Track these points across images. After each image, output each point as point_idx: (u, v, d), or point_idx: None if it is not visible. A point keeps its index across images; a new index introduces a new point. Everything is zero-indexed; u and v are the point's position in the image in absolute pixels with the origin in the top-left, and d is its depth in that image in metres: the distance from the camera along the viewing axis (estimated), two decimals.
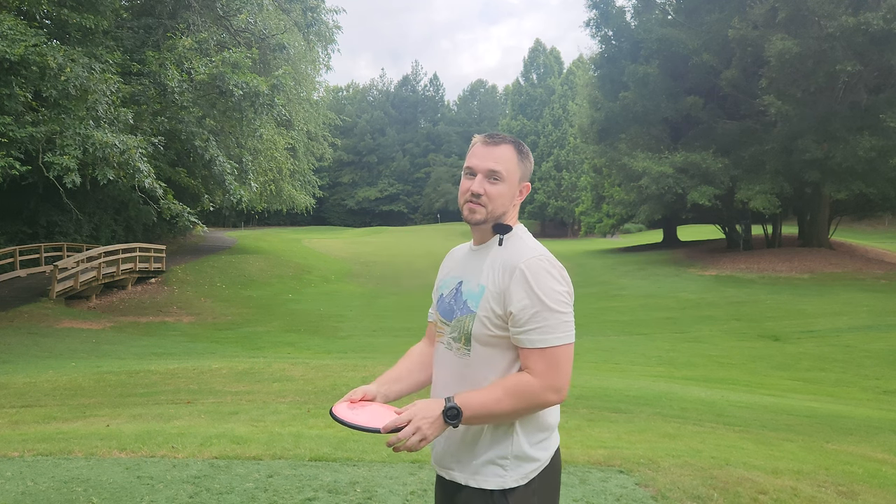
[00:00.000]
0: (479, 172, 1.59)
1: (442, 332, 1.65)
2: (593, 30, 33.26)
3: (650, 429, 5.77)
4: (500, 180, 1.58)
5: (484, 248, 1.65)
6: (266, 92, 17.65)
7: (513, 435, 1.54)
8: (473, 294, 1.58)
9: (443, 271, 1.79)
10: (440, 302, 1.69)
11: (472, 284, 1.60)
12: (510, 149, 1.60)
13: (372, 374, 8.67)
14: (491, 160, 1.58)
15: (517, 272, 1.51)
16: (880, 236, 40.42)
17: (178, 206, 16.00)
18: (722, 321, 17.87)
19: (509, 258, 1.55)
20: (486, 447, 1.54)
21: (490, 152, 1.59)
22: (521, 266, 1.51)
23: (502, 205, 1.60)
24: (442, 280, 1.76)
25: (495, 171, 1.58)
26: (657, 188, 27.80)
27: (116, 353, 13.59)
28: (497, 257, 1.59)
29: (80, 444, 4.54)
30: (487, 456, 1.54)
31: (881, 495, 3.88)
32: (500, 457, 1.53)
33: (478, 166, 1.59)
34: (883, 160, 23.74)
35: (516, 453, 1.54)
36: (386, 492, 3.59)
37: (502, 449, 1.54)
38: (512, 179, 1.60)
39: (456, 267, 1.73)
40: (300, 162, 36.31)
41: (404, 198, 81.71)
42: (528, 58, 67.39)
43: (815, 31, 23.73)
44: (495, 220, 1.61)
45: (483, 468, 1.54)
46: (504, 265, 1.55)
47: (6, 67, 12.95)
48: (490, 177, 1.58)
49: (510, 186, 1.60)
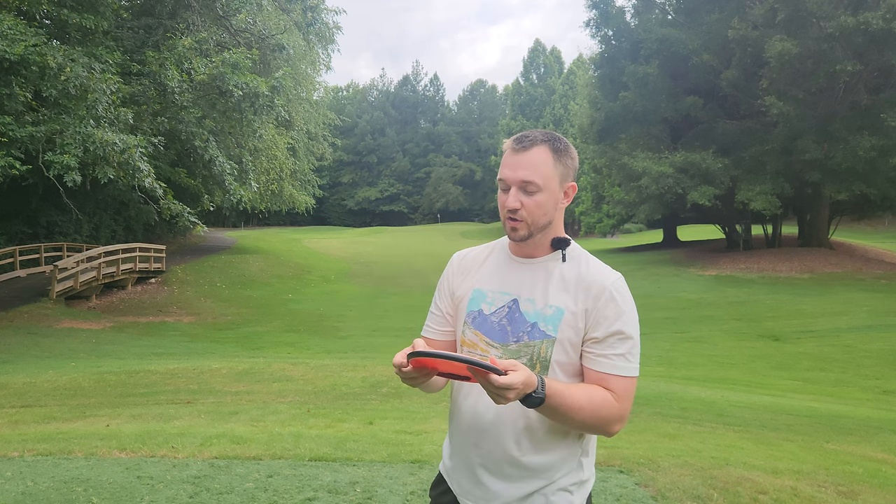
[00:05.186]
0: (513, 185, 1.41)
1: (486, 356, 1.43)
2: (593, 30, 33.29)
3: (650, 429, 5.77)
4: (537, 190, 1.40)
5: (538, 263, 1.48)
6: (266, 93, 17.66)
7: (583, 462, 1.49)
8: (546, 316, 1.41)
9: (458, 280, 1.57)
10: (479, 319, 1.48)
11: (539, 304, 1.43)
12: (543, 150, 1.40)
13: (372, 374, 8.67)
14: (522, 169, 1.40)
15: (607, 294, 1.40)
16: (880, 236, 40.42)
17: (178, 206, 16.01)
18: (722, 321, 17.87)
19: (590, 278, 1.43)
20: (562, 477, 1.45)
21: (521, 160, 1.40)
22: (609, 289, 1.41)
23: (545, 215, 1.43)
24: (463, 291, 1.54)
25: (529, 182, 1.39)
26: (657, 188, 27.81)
27: (116, 353, 13.59)
28: (567, 275, 1.44)
29: (80, 444, 4.54)
30: (561, 484, 1.45)
31: (881, 495, 3.88)
32: (571, 484, 1.46)
33: (510, 178, 1.41)
34: (883, 160, 23.75)
35: (584, 478, 1.49)
36: (386, 492, 3.59)
37: (575, 476, 1.47)
38: (551, 185, 1.41)
39: (491, 278, 1.52)
40: (300, 162, 36.35)
41: (404, 198, 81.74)
42: (528, 58, 67.43)
43: (815, 31, 23.73)
44: (540, 232, 1.44)
45: (553, 496, 1.44)
46: (585, 285, 1.42)
47: (6, 67, 12.95)
48: (524, 188, 1.40)
49: (550, 193, 1.42)
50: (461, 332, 1.51)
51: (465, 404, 1.50)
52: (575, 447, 1.46)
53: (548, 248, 1.48)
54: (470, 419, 1.48)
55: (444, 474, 1.58)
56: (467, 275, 1.56)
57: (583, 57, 52.50)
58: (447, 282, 1.59)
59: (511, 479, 1.44)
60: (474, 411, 1.47)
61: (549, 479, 1.44)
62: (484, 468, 1.46)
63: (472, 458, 1.48)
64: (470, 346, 1.48)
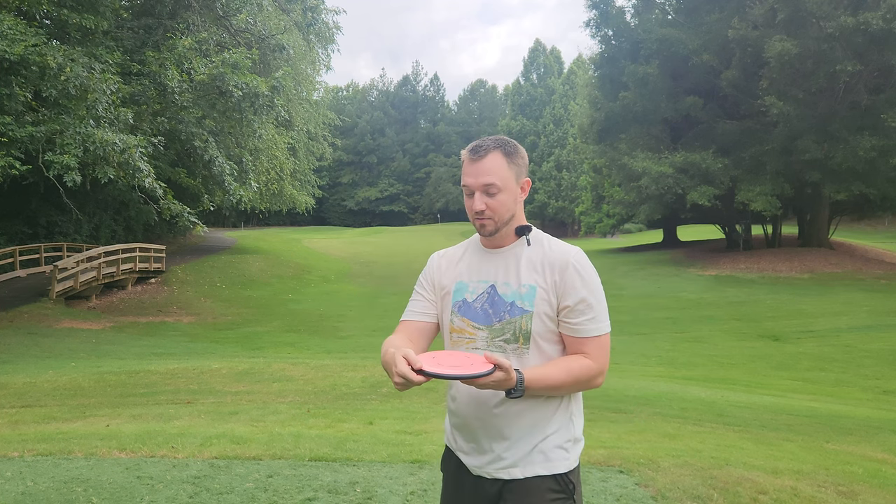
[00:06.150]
0: (476, 189, 1.61)
1: (474, 338, 1.63)
2: (593, 30, 33.27)
3: (650, 429, 5.77)
4: (498, 191, 1.60)
5: (507, 251, 1.67)
6: (266, 93, 17.66)
7: (572, 419, 1.65)
8: (521, 295, 1.60)
9: (440, 275, 1.75)
10: (464, 307, 1.66)
11: (513, 286, 1.62)
12: (496, 156, 1.61)
13: (372, 374, 8.67)
14: (482, 175, 1.60)
15: (570, 268, 1.59)
16: (880, 236, 40.42)
17: (178, 206, 16.00)
18: (722, 321, 17.87)
19: (553, 256, 1.62)
20: (553, 434, 1.61)
21: (479, 167, 1.60)
22: (572, 262, 1.60)
23: (508, 210, 1.63)
24: (447, 284, 1.72)
25: (489, 185, 1.59)
26: (657, 188, 27.80)
27: (116, 353, 13.59)
28: (533, 256, 1.64)
29: (80, 444, 4.54)
30: (555, 441, 1.61)
31: (881, 495, 3.88)
32: (566, 440, 1.62)
33: (472, 184, 1.61)
34: (883, 160, 23.75)
35: (576, 436, 1.66)
36: (386, 492, 3.59)
37: (567, 433, 1.63)
38: (508, 185, 1.62)
39: (469, 270, 1.70)
40: (300, 162, 36.34)
41: (404, 198, 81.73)
42: (529, 57, 67.34)
43: (815, 31, 23.73)
44: (506, 225, 1.64)
45: (552, 453, 1.60)
46: (550, 263, 1.61)
47: (6, 67, 12.95)
48: (486, 191, 1.60)
49: (509, 192, 1.62)
50: (449, 320, 1.69)
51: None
52: (565, 404, 1.64)
53: (513, 237, 1.67)
54: (461, 392, 1.64)
55: (451, 448, 1.74)
56: (449, 270, 1.75)
57: (583, 57, 52.59)
58: (429, 277, 1.78)
59: (507, 440, 1.59)
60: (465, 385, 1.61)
61: (543, 436, 1.60)
62: (483, 435, 1.62)
63: (471, 427, 1.64)
64: (458, 332, 1.66)
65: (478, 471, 1.64)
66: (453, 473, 1.72)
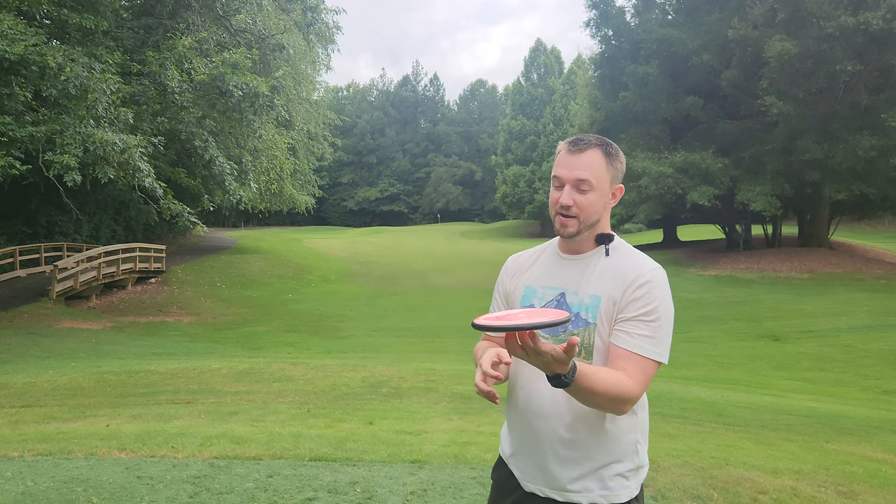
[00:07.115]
0: (567, 183, 1.51)
1: None
2: (593, 30, 33.25)
3: (650, 429, 5.74)
4: (590, 189, 1.51)
5: (584, 258, 1.58)
6: (266, 93, 17.66)
7: (637, 447, 1.56)
8: (586, 305, 1.51)
9: (512, 280, 1.68)
10: None
11: (583, 295, 1.52)
12: (597, 153, 1.52)
13: (372, 374, 8.67)
14: (578, 169, 1.50)
15: (641, 280, 1.47)
16: (880, 236, 40.39)
17: (178, 206, 16.00)
18: (722, 321, 17.87)
19: (629, 267, 1.51)
20: (616, 462, 1.52)
21: (576, 160, 1.51)
22: (646, 275, 1.48)
23: (595, 213, 1.53)
24: (515, 289, 1.65)
25: (583, 181, 1.50)
26: (657, 188, 27.79)
27: (116, 353, 13.58)
28: (608, 267, 1.53)
29: (80, 444, 4.54)
30: (616, 469, 1.52)
31: (881, 495, 3.88)
32: (628, 469, 1.54)
33: (565, 176, 1.52)
34: (883, 160, 23.73)
35: (639, 464, 1.56)
36: (386, 492, 3.59)
37: (630, 462, 1.54)
38: (602, 186, 1.52)
39: (540, 276, 1.62)
40: (300, 162, 36.33)
41: (404, 198, 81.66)
42: (529, 57, 67.27)
43: (815, 31, 23.72)
44: (589, 229, 1.55)
45: (611, 481, 1.51)
46: (623, 274, 1.50)
47: (6, 67, 12.95)
48: (578, 187, 1.51)
49: (601, 193, 1.53)
50: None
51: (521, 392, 1.58)
52: (632, 431, 1.53)
53: (593, 244, 1.58)
54: (525, 405, 1.56)
55: (505, 459, 1.67)
56: (519, 274, 1.68)
57: (583, 57, 52.54)
58: (502, 284, 1.72)
59: (567, 461, 1.51)
60: (529, 398, 1.55)
61: (605, 462, 1.50)
62: (541, 451, 1.53)
63: (530, 442, 1.56)
64: None
65: (531, 487, 1.57)
66: (503, 484, 1.65)
